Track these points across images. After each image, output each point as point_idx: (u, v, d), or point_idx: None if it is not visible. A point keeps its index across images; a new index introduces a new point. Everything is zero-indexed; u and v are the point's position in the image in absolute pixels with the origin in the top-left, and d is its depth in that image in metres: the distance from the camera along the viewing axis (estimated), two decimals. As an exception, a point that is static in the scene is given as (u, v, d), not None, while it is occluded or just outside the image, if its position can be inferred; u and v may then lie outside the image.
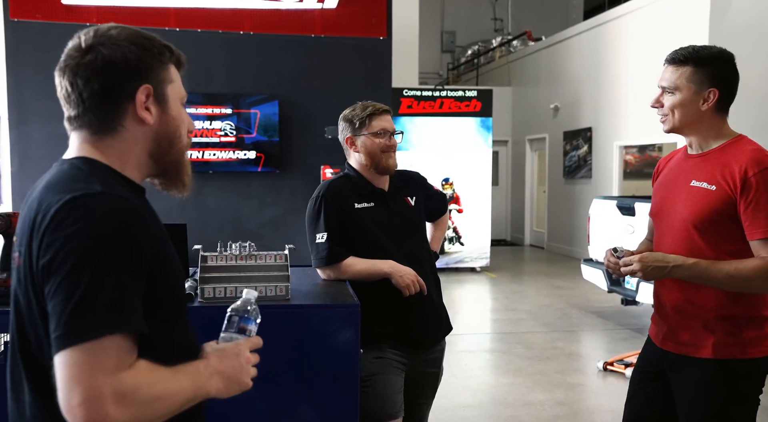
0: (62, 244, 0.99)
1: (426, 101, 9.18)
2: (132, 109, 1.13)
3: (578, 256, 9.66)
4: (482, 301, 7.81)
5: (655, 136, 8.87)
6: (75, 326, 0.96)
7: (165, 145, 1.18)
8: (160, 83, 1.16)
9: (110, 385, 0.95)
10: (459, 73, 15.69)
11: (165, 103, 1.17)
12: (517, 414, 3.98)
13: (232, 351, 1.18)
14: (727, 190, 1.83)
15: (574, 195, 10.91)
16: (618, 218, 5.80)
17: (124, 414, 0.96)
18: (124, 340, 0.99)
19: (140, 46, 1.13)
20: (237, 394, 1.18)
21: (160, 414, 1.03)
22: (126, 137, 1.14)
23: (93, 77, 1.10)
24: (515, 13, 15.75)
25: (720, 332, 1.88)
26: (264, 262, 1.93)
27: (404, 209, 2.43)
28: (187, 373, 1.09)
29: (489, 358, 5.33)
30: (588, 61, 10.46)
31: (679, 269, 1.84)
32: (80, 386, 0.94)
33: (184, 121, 1.22)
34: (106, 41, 1.11)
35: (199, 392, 1.10)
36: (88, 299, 0.97)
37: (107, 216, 1.02)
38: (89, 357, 0.95)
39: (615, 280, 5.93)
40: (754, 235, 1.81)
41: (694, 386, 1.92)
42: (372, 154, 2.33)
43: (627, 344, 5.51)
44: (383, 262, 2.26)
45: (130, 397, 0.97)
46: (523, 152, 12.79)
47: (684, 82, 1.91)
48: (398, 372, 2.29)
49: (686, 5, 8.12)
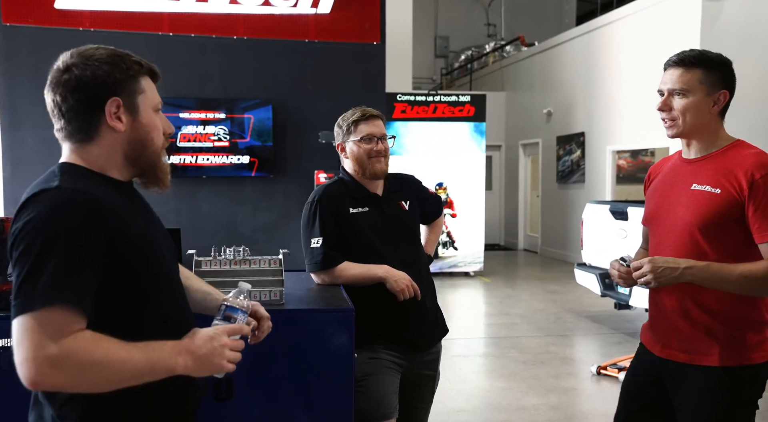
0: (18, 231, 1.19)
1: (420, 106, 9.20)
2: (104, 119, 1.31)
3: (572, 261, 9.69)
4: (476, 306, 7.82)
5: (647, 141, 8.92)
6: (21, 299, 1.15)
7: (138, 148, 1.35)
8: (130, 95, 1.33)
9: (48, 349, 1.12)
10: (452, 78, 15.73)
11: (136, 112, 1.34)
12: (511, 419, 3.98)
13: (207, 333, 1.30)
14: (733, 193, 1.83)
15: (567, 199, 10.95)
16: (611, 222, 5.82)
17: (60, 374, 1.13)
18: (64, 312, 1.15)
19: (110, 63, 1.31)
20: (208, 372, 1.28)
21: (102, 379, 1.17)
22: (103, 143, 1.32)
23: (69, 94, 1.29)
24: (508, 19, 15.81)
25: (725, 338, 1.87)
26: (258, 267, 1.94)
27: (399, 213, 2.44)
28: (145, 347, 1.21)
29: (483, 363, 5.33)
30: (581, 66, 10.51)
31: (691, 270, 1.81)
32: (22, 347, 1.12)
33: (156, 127, 1.38)
34: (80, 62, 1.29)
35: (159, 366, 1.22)
36: (31, 277, 1.15)
37: (57, 206, 1.20)
38: (33, 324, 1.13)
39: (608, 284, 5.95)
40: (764, 238, 1.80)
41: (699, 393, 1.90)
42: (359, 160, 2.35)
43: (621, 348, 5.52)
44: (377, 267, 2.27)
45: (66, 361, 1.13)
46: (517, 157, 12.83)
47: (696, 84, 1.89)
48: (393, 372, 2.29)
49: (678, 11, 8.17)
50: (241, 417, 1.80)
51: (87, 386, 1.18)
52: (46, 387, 1.16)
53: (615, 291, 5.88)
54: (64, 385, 1.16)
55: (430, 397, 2.48)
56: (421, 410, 2.46)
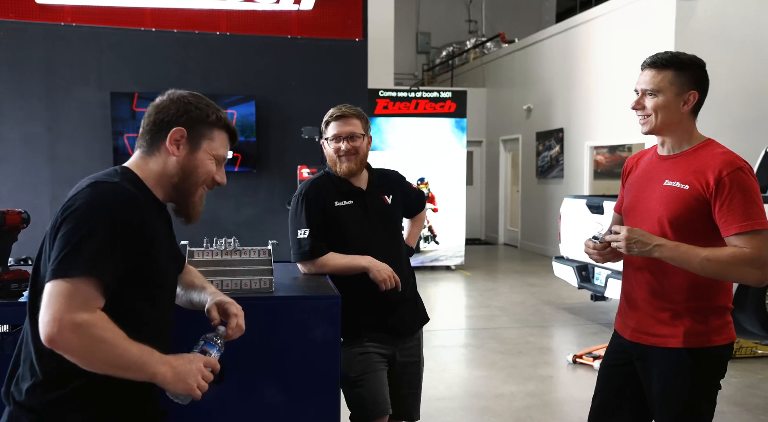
0: (74, 208, 1.37)
1: (401, 102, 9.31)
2: (166, 141, 1.53)
3: (551, 254, 9.87)
4: (457, 298, 7.96)
5: (624, 137, 9.11)
6: (62, 265, 1.31)
7: (181, 176, 1.56)
8: (197, 134, 1.56)
9: (74, 314, 1.28)
10: (434, 74, 15.85)
11: (196, 149, 1.56)
12: (490, 406, 4.12)
13: (188, 356, 1.47)
14: (700, 190, 1.96)
15: (546, 194, 11.13)
16: (587, 216, 5.98)
17: (76, 339, 1.28)
18: (92, 286, 1.31)
19: (197, 106, 1.56)
20: (181, 395, 1.42)
21: (104, 357, 1.31)
22: (158, 161, 1.55)
23: (153, 113, 1.56)
24: (489, 15, 15.96)
25: (688, 322, 2.01)
26: (248, 257, 2.03)
27: (381, 207, 2.54)
28: (141, 346, 1.36)
29: (463, 353, 5.47)
30: (560, 63, 10.69)
31: (661, 249, 1.94)
32: (52, 307, 1.28)
33: (206, 169, 1.58)
34: (177, 97, 1.57)
35: (146, 366, 1.35)
36: (75, 249, 1.32)
37: (106, 198, 1.40)
38: (67, 289, 1.29)
39: (585, 277, 6.12)
40: (730, 231, 1.93)
41: (665, 374, 2.03)
42: (330, 159, 2.48)
43: (596, 338, 5.70)
44: (362, 258, 2.37)
45: (84, 330, 1.28)
46: (497, 152, 12.99)
47: (666, 85, 2.03)
48: (383, 366, 2.42)
49: (653, 10, 8.36)
50: (233, 399, 1.90)
51: (89, 359, 1.31)
52: (60, 347, 1.28)
53: (591, 284, 6.05)
54: (74, 351, 1.29)
55: (416, 382, 2.58)
56: (408, 396, 2.55)
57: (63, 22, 7.54)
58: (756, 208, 1.93)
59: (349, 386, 2.39)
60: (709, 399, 2.05)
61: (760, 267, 1.92)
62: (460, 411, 4.07)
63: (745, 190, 1.93)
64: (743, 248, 1.91)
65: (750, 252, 1.90)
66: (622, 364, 2.18)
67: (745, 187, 1.93)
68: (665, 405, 2.05)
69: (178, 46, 7.76)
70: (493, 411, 4.02)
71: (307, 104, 7.84)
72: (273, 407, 1.94)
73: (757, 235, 1.91)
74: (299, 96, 7.94)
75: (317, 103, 7.99)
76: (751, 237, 1.91)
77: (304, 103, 7.89)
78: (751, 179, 1.95)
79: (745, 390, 4.31)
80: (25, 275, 1.88)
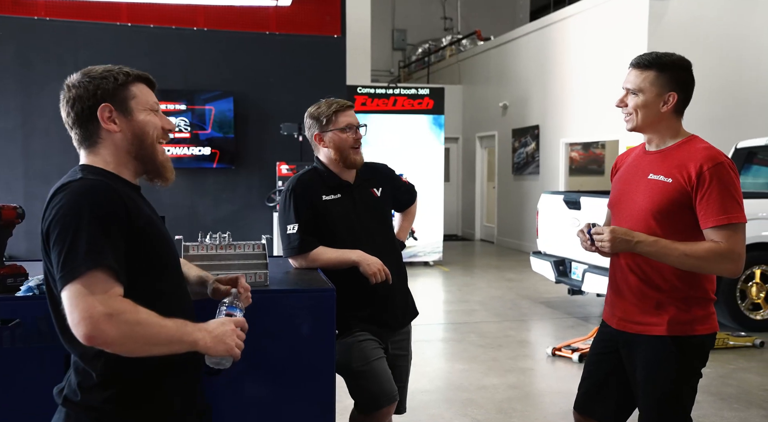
0: (53, 217, 1.37)
1: (380, 99, 9.34)
2: (100, 124, 1.50)
3: (527, 250, 10.01)
4: (436, 294, 8.03)
5: (598, 134, 9.27)
6: (66, 270, 1.31)
7: (136, 144, 1.53)
8: (120, 100, 1.51)
9: (100, 307, 1.28)
10: (410, 71, 15.91)
11: (129, 113, 1.52)
12: (472, 398, 4.18)
13: (218, 320, 1.50)
14: (682, 183, 2.04)
15: (522, 190, 11.27)
16: (565, 212, 6.09)
17: (114, 329, 1.28)
18: (104, 275, 1.32)
19: (100, 77, 1.51)
20: (222, 358, 1.44)
21: (144, 338, 1.33)
22: (106, 145, 1.52)
23: (69, 109, 1.51)
24: (464, 13, 16.06)
25: (673, 311, 2.08)
26: (243, 251, 2.05)
27: (370, 200, 2.56)
28: (173, 320, 1.38)
29: (444, 347, 5.53)
30: (535, 61, 10.82)
31: (641, 245, 2.03)
32: (77, 308, 1.28)
33: (150, 123, 1.54)
34: (77, 81, 1.51)
35: (185, 336, 1.38)
36: (71, 251, 1.32)
37: (83, 192, 1.39)
38: (81, 288, 1.29)
39: (562, 272, 6.23)
40: (707, 224, 2.01)
41: (649, 361, 2.11)
42: (341, 149, 2.46)
43: (574, 331, 5.80)
44: (351, 252, 2.40)
45: (117, 317, 1.29)
46: (474, 149, 13.10)
47: (647, 85, 2.10)
48: (383, 352, 2.44)
49: (627, 10, 8.52)
50: (231, 391, 1.93)
51: (131, 344, 1.32)
52: (99, 341, 1.28)
53: (568, 278, 6.16)
54: (114, 340, 1.29)
55: (404, 376, 2.62)
56: (399, 389, 2.57)
57: (37, 16, 7.43)
58: (733, 202, 2.01)
59: (354, 377, 2.39)
60: (691, 386, 2.13)
61: (734, 260, 2.00)
62: (443, 404, 4.13)
63: (724, 184, 2.01)
64: (719, 242, 1.99)
65: (725, 246, 1.98)
66: (609, 352, 2.25)
67: (724, 181, 2.01)
68: (649, 391, 2.12)
69: (154, 41, 7.69)
70: (476, 403, 4.08)
71: (285, 100, 7.84)
72: (270, 399, 1.97)
73: (732, 229, 1.99)
74: (277, 92, 7.93)
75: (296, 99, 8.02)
76: (727, 230, 1.99)
77: (282, 99, 7.88)
78: (731, 174, 2.03)
79: (719, 380, 4.44)
80: (21, 270, 1.88)
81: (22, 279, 1.88)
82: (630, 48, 7.77)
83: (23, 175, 7.41)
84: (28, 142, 7.39)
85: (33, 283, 1.83)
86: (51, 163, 7.36)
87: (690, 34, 8.10)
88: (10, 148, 7.33)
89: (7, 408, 1.82)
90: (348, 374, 2.39)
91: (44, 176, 7.35)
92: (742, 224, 2.02)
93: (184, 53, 7.79)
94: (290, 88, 7.89)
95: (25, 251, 6.37)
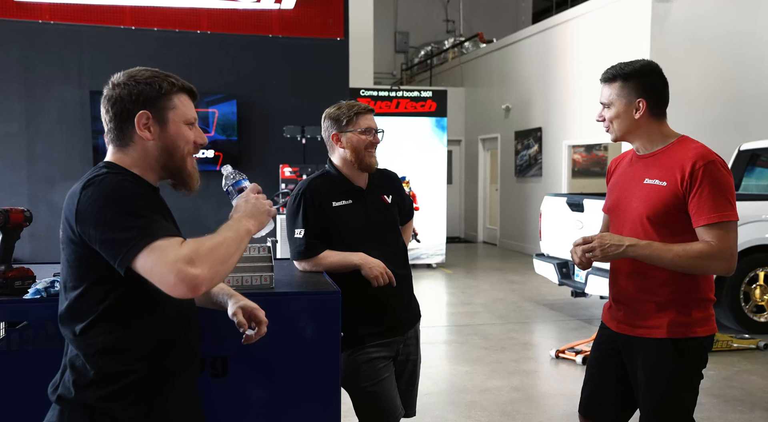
0: (86, 210, 1.40)
1: (383, 101, 9.36)
2: (135, 129, 1.52)
3: (530, 252, 10.01)
4: (439, 296, 8.04)
5: (601, 136, 9.27)
6: (124, 249, 1.35)
7: (166, 155, 1.56)
8: (160, 109, 1.53)
9: (176, 258, 1.32)
10: (412, 74, 15.93)
11: (165, 124, 1.54)
12: (476, 400, 4.18)
13: (241, 200, 1.58)
14: (677, 184, 2.05)
15: (525, 193, 11.27)
16: (568, 214, 6.09)
17: (201, 268, 1.34)
18: (163, 233, 1.36)
19: (144, 82, 1.52)
20: (267, 220, 1.57)
21: (224, 256, 1.40)
22: (137, 149, 1.54)
23: (110, 108, 1.53)
24: (467, 15, 16.08)
25: (672, 314, 2.09)
26: (248, 254, 2.06)
27: (381, 206, 2.55)
28: (222, 228, 1.47)
29: (448, 349, 5.54)
30: (537, 63, 10.82)
31: (633, 248, 2.03)
32: (159, 268, 1.33)
33: (183, 137, 1.57)
34: (122, 82, 1.53)
35: (240, 231, 1.48)
36: (127, 228, 1.36)
37: (110, 183, 1.43)
38: (150, 255, 1.33)
39: (565, 274, 6.23)
40: (699, 222, 2.02)
41: (649, 363, 2.12)
42: (357, 151, 2.44)
43: (577, 333, 5.80)
44: (353, 255, 2.38)
45: (196, 255, 1.34)
46: (476, 151, 13.11)
47: (615, 97, 2.15)
48: (390, 369, 2.44)
49: (629, 11, 8.52)
50: (236, 393, 1.93)
51: (220, 266, 1.39)
52: (189, 282, 1.32)
53: (572, 280, 6.16)
54: (202, 274, 1.34)
55: (413, 380, 2.62)
56: (406, 393, 2.58)
57: (41, 20, 7.46)
58: (724, 200, 2.01)
59: (361, 395, 2.39)
60: (692, 387, 2.13)
61: (727, 258, 2.02)
62: (447, 406, 4.13)
63: (716, 182, 2.01)
64: (710, 241, 2.00)
65: (717, 245, 1.99)
66: (610, 355, 2.26)
67: (715, 180, 2.01)
68: (649, 393, 2.12)
69: (158, 44, 7.72)
70: (480, 406, 4.09)
71: (288, 103, 7.87)
72: (275, 401, 1.98)
73: (723, 227, 2.00)
74: (281, 95, 7.95)
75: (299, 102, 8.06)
76: (718, 229, 2.00)
77: (285, 101, 7.91)
78: (722, 172, 2.04)
79: (723, 382, 4.44)
80: (28, 273, 1.90)
81: (29, 282, 1.89)
82: (633, 50, 7.78)
83: (27, 178, 7.43)
84: (32, 145, 7.42)
85: (41, 286, 1.84)
86: (55, 165, 7.39)
87: (693, 36, 8.11)
88: (14, 150, 7.36)
89: (15, 409, 1.83)
90: (355, 392, 2.39)
91: (48, 179, 7.38)
92: (734, 222, 2.03)
93: (187, 56, 7.81)
94: (293, 90, 7.92)
95: (29, 254, 6.40)
